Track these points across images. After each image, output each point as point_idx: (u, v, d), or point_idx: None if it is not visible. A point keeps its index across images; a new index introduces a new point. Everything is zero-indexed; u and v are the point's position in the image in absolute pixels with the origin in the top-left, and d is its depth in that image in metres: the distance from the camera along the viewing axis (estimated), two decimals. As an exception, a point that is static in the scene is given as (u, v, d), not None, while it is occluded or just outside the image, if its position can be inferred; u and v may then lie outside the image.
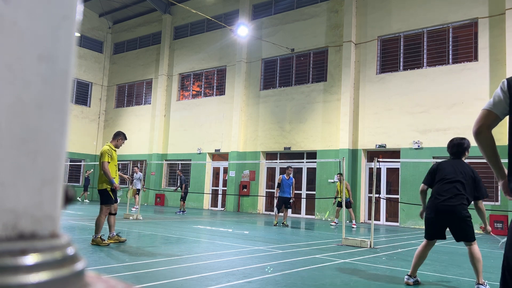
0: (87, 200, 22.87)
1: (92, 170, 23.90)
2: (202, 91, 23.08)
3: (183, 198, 17.45)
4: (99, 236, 7.21)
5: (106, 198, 7.40)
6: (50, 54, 0.44)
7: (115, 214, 7.72)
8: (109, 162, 7.35)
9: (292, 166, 14.73)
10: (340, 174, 13.66)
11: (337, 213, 14.42)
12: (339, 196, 13.47)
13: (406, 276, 5.21)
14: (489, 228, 5.13)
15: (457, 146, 5.15)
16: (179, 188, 17.61)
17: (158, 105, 24.10)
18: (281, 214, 13.42)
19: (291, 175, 13.18)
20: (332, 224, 14.28)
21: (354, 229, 13.24)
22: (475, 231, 5.36)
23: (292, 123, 18.88)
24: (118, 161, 8.27)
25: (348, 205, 13.79)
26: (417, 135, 15.72)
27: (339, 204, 13.77)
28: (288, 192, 12.93)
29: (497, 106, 2.41)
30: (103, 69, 27.69)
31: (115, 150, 7.64)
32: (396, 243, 9.67)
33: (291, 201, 13.07)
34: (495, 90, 2.50)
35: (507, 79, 2.48)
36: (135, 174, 17.75)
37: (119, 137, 7.67)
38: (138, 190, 16.72)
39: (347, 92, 17.15)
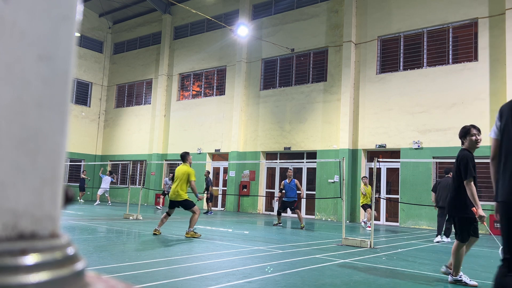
0: (81, 200, 22.81)
1: (85, 172, 23.77)
2: (202, 91, 23.07)
3: (210, 199, 17.75)
4: (192, 230, 8.94)
5: (190, 202, 9.14)
6: (50, 54, 0.44)
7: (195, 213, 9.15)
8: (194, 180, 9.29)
9: (291, 168, 14.63)
10: (366, 178, 13.61)
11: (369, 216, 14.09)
12: (365, 200, 13.43)
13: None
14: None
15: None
16: (206, 190, 17.83)
17: (158, 105, 24.10)
18: (292, 215, 13.36)
19: (292, 177, 13.09)
20: (367, 227, 13.62)
21: (368, 230, 13.25)
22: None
23: (292, 123, 18.88)
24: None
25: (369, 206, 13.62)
26: (417, 135, 15.72)
27: (365, 206, 13.61)
28: (291, 197, 12.75)
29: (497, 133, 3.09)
30: (103, 69, 27.69)
31: None
32: (396, 243, 9.67)
33: (299, 192, 13.02)
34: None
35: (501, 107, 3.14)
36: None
37: (188, 155, 9.34)
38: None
39: (347, 92, 17.15)
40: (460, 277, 5.25)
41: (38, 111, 0.43)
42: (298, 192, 13.04)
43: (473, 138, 5.07)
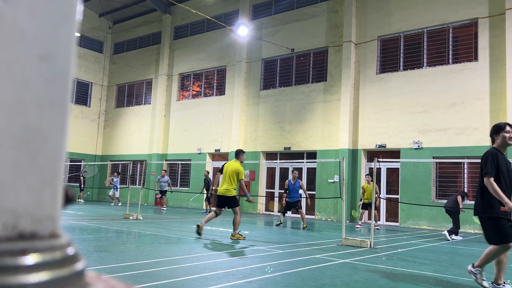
0: (81, 200, 22.80)
1: (86, 171, 23.71)
2: (202, 91, 23.07)
3: (209, 199, 17.80)
4: (237, 232, 8.95)
5: (237, 201, 9.34)
6: (50, 54, 0.44)
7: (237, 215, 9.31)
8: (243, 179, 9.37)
9: (297, 169, 14.66)
10: (370, 176, 13.55)
11: (361, 215, 14.14)
12: (365, 198, 13.43)
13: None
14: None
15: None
16: (205, 189, 17.90)
17: (158, 105, 24.10)
18: (292, 215, 13.37)
19: (297, 178, 13.07)
20: (357, 226, 13.79)
21: (379, 229, 13.36)
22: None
23: (292, 123, 18.88)
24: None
25: (375, 206, 13.63)
26: (417, 135, 15.72)
27: (364, 206, 13.66)
28: (294, 197, 12.76)
29: None
30: (103, 69, 27.69)
31: None
32: (396, 243, 9.67)
33: (304, 198, 13.04)
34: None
35: None
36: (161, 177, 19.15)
37: (242, 154, 9.36)
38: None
39: (347, 92, 17.15)
40: (503, 285, 4.79)
41: (38, 111, 0.43)
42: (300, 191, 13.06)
43: (507, 135, 4.81)
